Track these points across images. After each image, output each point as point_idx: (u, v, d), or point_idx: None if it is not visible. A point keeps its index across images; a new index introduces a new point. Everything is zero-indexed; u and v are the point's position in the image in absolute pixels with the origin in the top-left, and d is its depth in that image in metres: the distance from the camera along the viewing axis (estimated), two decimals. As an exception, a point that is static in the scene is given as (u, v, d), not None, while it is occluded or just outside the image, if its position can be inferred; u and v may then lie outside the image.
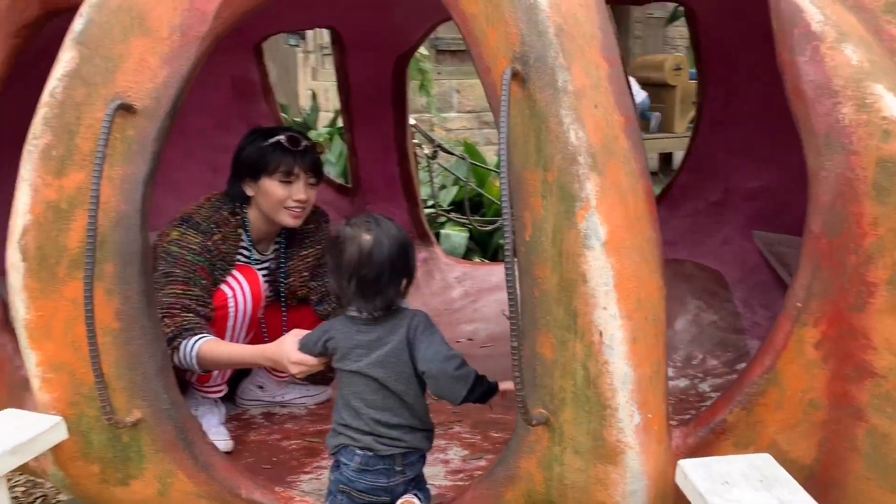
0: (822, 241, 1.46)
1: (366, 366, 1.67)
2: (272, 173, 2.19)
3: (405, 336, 1.68)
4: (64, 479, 1.73)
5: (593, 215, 1.43)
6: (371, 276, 1.66)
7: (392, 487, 1.70)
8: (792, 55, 1.52)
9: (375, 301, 1.68)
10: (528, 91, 1.49)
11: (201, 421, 2.28)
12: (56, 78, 1.64)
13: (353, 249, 1.66)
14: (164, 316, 2.00)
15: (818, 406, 1.54)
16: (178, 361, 2.01)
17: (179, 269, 2.10)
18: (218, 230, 2.20)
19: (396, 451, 1.68)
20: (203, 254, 2.15)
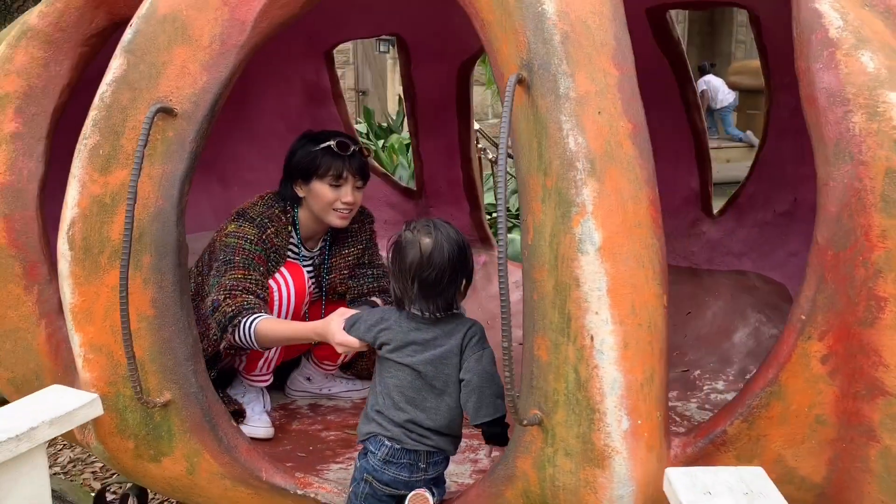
0: (828, 253, 1.42)
1: (417, 362, 1.74)
2: (322, 176, 2.29)
3: (460, 342, 1.75)
4: (104, 452, 1.88)
5: (588, 220, 1.44)
6: (432, 277, 1.73)
7: (412, 483, 1.77)
8: (808, 62, 1.49)
9: (437, 301, 1.76)
10: (532, 97, 1.52)
11: (247, 408, 2.41)
12: (106, 83, 1.79)
13: (414, 253, 1.74)
14: (226, 297, 2.14)
15: (826, 423, 1.49)
16: (238, 339, 2.13)
17: (239, 257, 2.23)
18: (271, 225, 2.32)
19: (423, 449, 1.75)
20: (259, 244, 2.27)
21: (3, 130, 1.98)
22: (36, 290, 1.96)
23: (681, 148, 3.41)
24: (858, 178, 1.38)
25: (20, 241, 1.96)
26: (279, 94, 3.72)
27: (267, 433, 2.35)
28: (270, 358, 2.40)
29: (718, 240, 3.43)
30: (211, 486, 1.87)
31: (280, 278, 2.33)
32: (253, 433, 2.33)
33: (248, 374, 2.46)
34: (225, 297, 2.14)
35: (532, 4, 1.54)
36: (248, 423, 2.36)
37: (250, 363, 2.40)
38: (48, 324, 1.96)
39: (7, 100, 2.00)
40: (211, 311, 2.16)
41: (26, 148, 2.00)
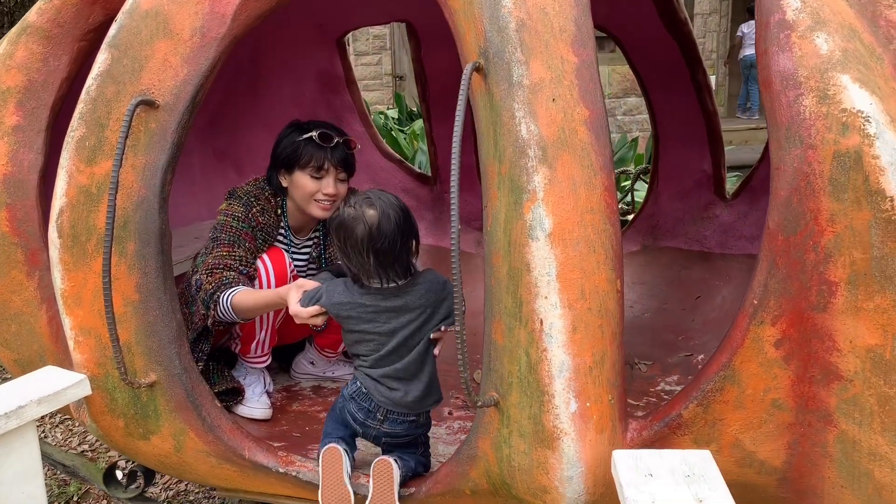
0: (778, 238, 1.41)
1: (392, 328, 1.83)
2: (304, 167, 2.31)
3: (434, 298, 1.85)
4: (97, 430, 1.98)
5: (539, 207, 1.46)
6: (386, 246, 1.78)
7: (365, 424, 1.90)
8: (766, 45, 1.48)
9: (395, 268, 1.82)
10: (488, 85, 1.54)
11: (247, 389, 2.49)
12: (91, 77, 1.87)
13: (362, 227, 1.79)
14: (207, 276, 2.21)
15: (783, 407, 1.49)
16: (220, 314, 2.18)
17: (225, 234, 2.30)
18: (256, 203, 2.37)
19: (384, 405, 1.86)
20: (245, 221, 2.33)
21: (4, 123, 2.08)
22: (37, 275, 2.06)
23: (692, 130, 3.38)
24: (808, 161, 1.37)
25: (22, 229, 2.06)
26: (293, 82, 3.78)
27: (264, 414, 2.43)
28: (262, 340, 2.47)
29: (731, 223, 3.38)
30: (198, 463, 1.95)
31: (259, 263, 2.37)
32: (250, 414, 2.41)
33: (244, 357, 2.54)
34: (206, 276, 2.21)
35: (490, -8, 1.55)
36: (246, 404, 2.44)
37: (244, 346, 2.48)
38: (48, 308, 2.06)
39: (8, 94, 2.10)
40: (195, 290, 2.23)
41: (27, 140, 2.09)
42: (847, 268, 1.35)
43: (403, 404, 1.87)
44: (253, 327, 2.43)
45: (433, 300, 1.86)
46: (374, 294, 1.85)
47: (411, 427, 1.92)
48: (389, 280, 1.84)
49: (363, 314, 1.85)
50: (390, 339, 1.84)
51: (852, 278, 1.35)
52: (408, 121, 7.16)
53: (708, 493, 1.26)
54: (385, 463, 1.81)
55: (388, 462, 1.81)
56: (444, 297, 1.87)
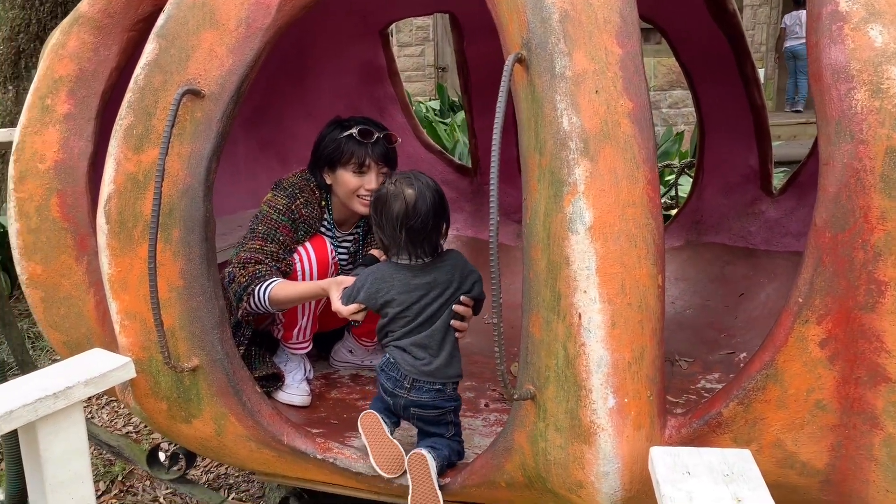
0: (825, 235, 1.38)
1: (422, 304, 1.92)
2: (346, 164, 2.33)
3: (459, 274, 1.96)
4: (141, 412, 2.02)
5: (579, 200, 1.45)
6: (418, 225, 1.91)
7: (394, 393, 1.96)
8: (817, 36, 1.45)
9: (424, 246, 1.94)
10: (530, 77, 1.53)
11: (287, 375, 2.53)
12: (140, 66, 1.90)
13: (399, 204, 1.91)
14: (240, 269, 2.24)
15: (827, 408, 1.46)
16: (253, 306, 2.22)
17: (262, 226, 2.33)
18: (301, 195, 2.40)
19: (411, 374, 1.93)
20: (286, 213, 2.35)
21: (56, 111, 2.13)
22: (86, 260, 2.11)
23: (739, 124, 3.32)
24: (858, 157, 1.33)
25: (71, 214, 2.11)
26: (336, 73, 3.81)
27: (303, 400, 2.46)
28: (304, 327, 2.50)
29: (777, 220, 3.32)
30: (238, 447, 1.98)
31: (302, 250, 2.40)
32: (290, 400, 2.45)
33: (286, 343, 2.57)
34: (239, 269, 2.24)
35: (533, -17, 1.54)
36: (286, 391, 2.47)
37: (286, 331, 2.51)
38: (96, 292, 2.11)
39: (61, 83, 2.15)
40: (228, 283, 2.26)
41: (77, 128, 2.14)
42: (897, 267, 1.32)
43: (427, 372, 1.92)
44: (295, 314, 2.46)
45: (458, 276, 1.97)
46: (404, 272, 1.95)
47: (437, 397, 1.94)
48: (417, 257, 1.94)
49: (396, 296, 1.93)
50: (420, 314, 1.93)
51: (903, 278, 1.32)
52: (449, 112, 7.15)
53: (748, 493, 1.24)
54: (418, 455, 1.82)
55: (421, 454, 1.82)
56: (466, 274, 1.99)
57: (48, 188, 2.10)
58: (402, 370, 1.93)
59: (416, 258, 1.94)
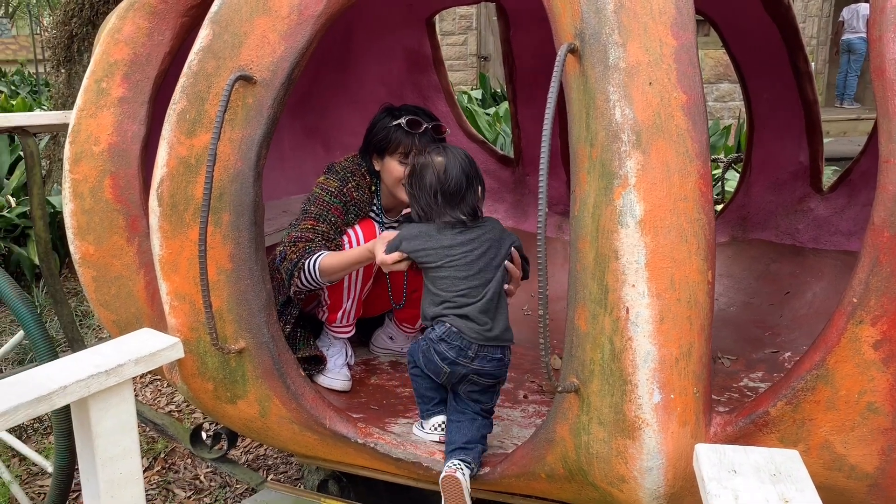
0: (884, 234, 1.35)
1: (469, 260, 1.97)
2: (393, 153, 2.37)
3: (499, 234, 2.04)
4: (188, 391, 2.06)
5: (630, 193, 1.44)
6: (452, 188, 2.00)
7: (455, 363, 1.95)
8: (880, 31, 1.41)
9: (462, 207, 2.01)
10: (582, 67, 1.52)
11: (329, 360, 2.55)
12: (193, 52, 1.93)
13: (431, 172, 2.02)
14: (290, 247, 2.29)
15: (879, 411, 1.43)
16: (305, 280, 2.28)
17: (315, 207, 2.38)
18: (352, 178, 2.44)
19: (476, 341, 1.94)
20: (338, 196, 2.41)
21: (111, 95, 2.17)
22: (137, 241, 2.16)
23: (790, 120, 3.25)
24: (921, 155, 1.30)
25: (124, 196, 2.15)
26: (381, 61, 3.82)
27: (343, 385, 2.49)
28: (349, 310, 2.53)
29: (826, 218, 3.25)
30: (281, 429, 2.01)
31: (351, 233, 2.44)
32: (331, 385, 2.47)
33: (330, 325, 2.60)
34: (290, 247, 2.30)
35: (588, -27, 1.53)
36: (327, 375, 2.50)
37: (331, 314, 2.54)
38: (146, 273, 2.15)
39: (116, 67, 2.19)
40: (279, 262, 2.31)
41: (131, 111, 2.18)
42: (958, 269, 1.28)
43: (491, 338, 1.95)
44: (340, 296, 2.49)
45: (499, 233, 2.04)
46: (446, 231, 2.00)
47: (498, 366, 1.98)
48: (457, 219, 2.00)
49: (441, 252, 1.98)
50: (469, 273, 1.96)
51: (963, 280, 1.28)
52: (492, 102, 7.13)
53: (795, 494, 1.23)
54: (451, 479, 1.81)
55: (453, 478, 1.81)
56: (507, 235, 2.06)
57: (102, 170, 2.15)
58: (468, 338, 1.93)
59: (455, 218, 1.99)
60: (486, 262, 1.98)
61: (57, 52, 5.47)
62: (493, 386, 2.01)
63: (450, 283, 1.97)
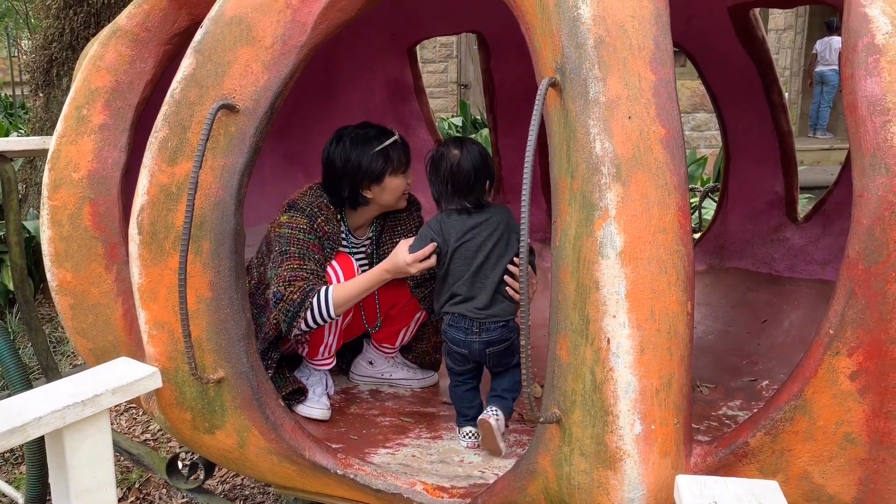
0: (858, 267, 1.38)
1: (478, 243, 2.21)
2: (395, 172, 2.40)
3: (506, 221, 2.25)
4: (165, 421, 2.04)
5: (611, 224, 1.45)
6: (462, 178, 2.23)
7: (468, 342, 2.25)
8: (852, 68, 1.45)
9: (469, 197, 2.24)
10: (563, 101, 1.54)
11: (308, 390, 2.54)
12: (176, 80, 1.93)
13: (446, 162, 2.25)
14: (286, 287, 2.26)
15: (856, 441, 1.45)
16: (312, 320, 2.27)
17: (294, 247, 2.32)
18: (321, 213, 2.41)
19: (476, 318, 2.21)
20: (312, 232, 2.36)
21: (92, 122, 2.17)
22: (115, 269, 2.14)
23: (765, 150, 3.31)
24: (893, 190, 1.33)
25: (103, 223, 2.14)
26: (363, 89, 3.85)
27: (323, 415, 2.47)
28: (330, 343, 2.52)
29: (802, 247, 3.30)
30: (259, 460, 1.99)
31: (331, 271, 2.41)
32: (310, 413, 2.46)
33: (311, 360, 2.59)
34: (286, 287, 2.26)
35: (569, 9, 1.56)
36: (306, 404, 2.48)
37: (312, 350, 2.53)
38: (124, 301, 2.13)
39: (97, 94, 2.18)
40: (275, 303, 2.26)
41: (112, 138, 2.17)
42: (931, 301, 1.31)
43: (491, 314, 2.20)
44: (322, 332, 2.48)
45: (506, 220, 2.24)
46: (455, 217, 2.25)
47: (505, 331, 2.23)
48: (463, 206, 2.24)
49: (455, 239, 2.22)
50: (477, 253, 2.20)
51: (936, 313, 1.31)
52: (472, 129, 7.18)
53: (775, 526, 1.23)
54: (485, 423, 2.18)
55: (487, 422, 2.17)
56: (513, 225, 2.25)
57: (81, 197, 2.14)
58: (469, 317, 2.21)
59: (461, 206, 2.24)
60: (493, 243, 2.20)
61: (36, 76, 5.44)
62: (509, 347, 2.26)
63: (460, 267, 2.22)
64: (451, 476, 2.05)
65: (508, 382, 2.30)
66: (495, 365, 2.29)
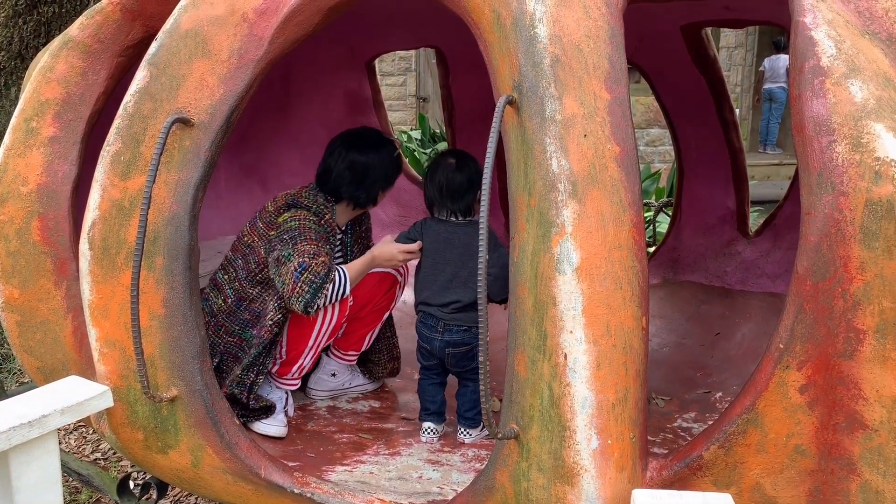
0: (807, 283, 1.41)
1: (450, 258, 2.37)
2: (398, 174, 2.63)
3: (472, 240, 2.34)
4: (117, 441, 1.99)
5: (567, 241, 1.47)
6: (454, 185, 2.37)
7: (431, 338, 2.42)
8: (799, 90, 1.49)
9: (459, 205, 2.39)
10: (520, 119, 1.56)
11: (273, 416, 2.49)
12: (130, 93, 1.90)
13: (442, 169, 2.40)
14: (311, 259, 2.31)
15: (806, 453, 1.48)
16: (332, 293, 2.36)
17: (309, 234, 2.38)
18: (325, 211, 2.52)
19: (443, 318, 2.39)
20: (321, 226, 2.47)
21: (41, 134, 2.12)
22: (65, 285, 2.09)
23: (717, 166, 3.38)
24: (839, 208, 1.37)
25: (52, 238, 2.09)
26: (322, 102, 3.83)
27: (279, 432, 2.44)
28: (305, 365, 2.54)
29: (753, 261, 3.37)
30: (214, 479, 1.96)
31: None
32: (266, 431, 2.42)
33: (280, 377, 2.56)
34: (311, 259, 2.31)
35: (526, 28, 1.57)
36: (263, 421, 2.44)
37: (285, 367, 2.52)
38: (74, 318, 2.08)
39: (47, 106, 2.14)
40: (298, 273, 2.29)
41: (62, 151, 2.13)
42: (876, 316, 1.35)
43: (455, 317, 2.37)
44: (302, 351, 2.52)
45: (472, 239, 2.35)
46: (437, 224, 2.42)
47: (466, 335, 2.38)
48: (451, 213, 2.39)
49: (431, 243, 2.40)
50: (448, 263, 2.36)
51: (881, 327, 1.35)
52: (430, 143, 7.20)
53: (728, 539, 1.25)
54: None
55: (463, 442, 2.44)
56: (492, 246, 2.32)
57: (30, 211, 2.08)
58: (435, 317, 2.39)
59: (450, 214, 2.40)
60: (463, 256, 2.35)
61: (-17, 86, 5.29)
62: (468, 352, 2.39)
63: (430, 271, 2.40)
64: (409, 493, 2.04)
65: (469, 402, 2.45)
66: (454, 366, 2.44)
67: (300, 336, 2.54)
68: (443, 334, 2.39)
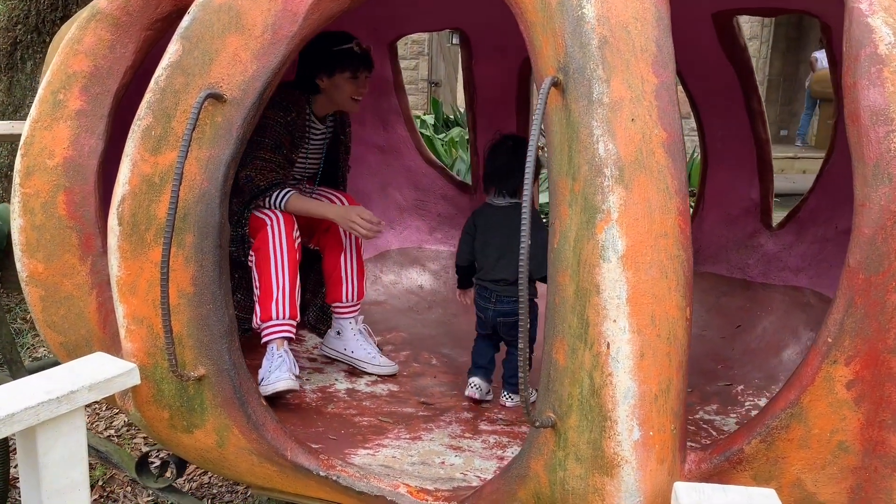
0: (859, 276, 1.38)
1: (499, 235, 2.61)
2: (343, 72, 2.71)
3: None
4: (141, 419, 1.97)
5: (613, 228, 1.43)
6: (497, 166, 2.63)
7: (485, 308, 2.68)
8: (854, 78, 1.45)
9: (507, 185, 2.62)
10: (566, 101, 1.52)
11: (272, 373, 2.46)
12: (161, 67, 1.87)
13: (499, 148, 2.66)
14: (257, 173, 2.57)
15: (849, 450, 1.45)
16: (268, 203, 2.60)
17: (267, 138, 2.61)
18: (292, 108, 2.70)
19: (495, 290, 2.64)
20: (286, 126, 2.66)
21: (68, 107, 2.09)
22: (90, 260, 2.06)
23: (743, 157, 3.34)
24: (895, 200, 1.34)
25: (78, 213, 2.06)
26: (343, 82, 3.78)
27: (288, 384, 2.41)
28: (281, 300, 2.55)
29: (775, 253, 3.34)
30: (239, 460, 1.94)
31: (273, 216, 2.60)
32: (275, 388, 2.40)
33: (266, 325, 2.55)
34: (257, 174, 2.57)
35: (573, 8, 1.53)
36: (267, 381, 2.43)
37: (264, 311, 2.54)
38: (99, 293, 2.05)
39: (74, 78, 2.10)
40: (244, 183, 2.57)
41: (89, 125, 2.09)
42: (930, 312, 1.32)
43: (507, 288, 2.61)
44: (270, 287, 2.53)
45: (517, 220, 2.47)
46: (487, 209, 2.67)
47: (515, 306, 2.57)
48: (498, 193, 2.64)
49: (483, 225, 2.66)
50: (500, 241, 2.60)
51: (935, 323, 1.32)
52: (444, 128, 7.15)
53: (775, 534, 1.23)
54: None
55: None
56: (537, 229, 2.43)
57: (56, 185, 2.05)
58: (490, 289, 2.64)
59: (497, 194, 2.64)
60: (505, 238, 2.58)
61: (-2, 59, 5.26)
62: (517, 322, 2.55)
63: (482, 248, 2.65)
64: (433, 478, 2.02)
65: (513, 368, 2.70)
66: (505, 334, 2.68)
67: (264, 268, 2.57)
68: (496, 305, 2.63)
